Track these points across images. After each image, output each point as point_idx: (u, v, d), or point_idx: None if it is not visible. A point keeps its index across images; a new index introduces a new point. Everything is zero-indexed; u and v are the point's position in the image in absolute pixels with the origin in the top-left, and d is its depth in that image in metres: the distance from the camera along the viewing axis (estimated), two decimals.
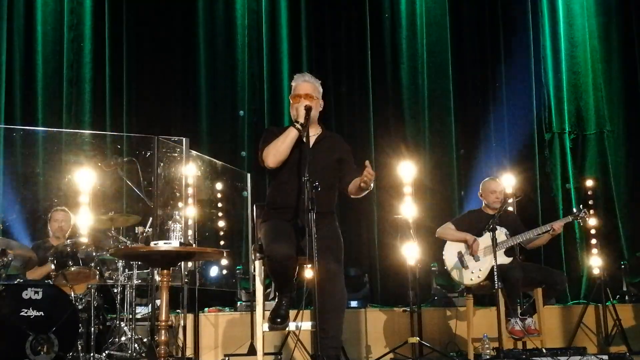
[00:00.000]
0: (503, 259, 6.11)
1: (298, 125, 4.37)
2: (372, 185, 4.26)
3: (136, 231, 6.35)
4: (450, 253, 6.35)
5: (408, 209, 7.43)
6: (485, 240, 6.14)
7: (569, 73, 9.54)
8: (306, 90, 4.55)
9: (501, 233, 6.21)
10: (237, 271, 7.92)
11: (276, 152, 4.44)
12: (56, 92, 8.59)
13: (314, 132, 4.58)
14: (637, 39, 9.54)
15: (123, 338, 6.15)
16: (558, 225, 6.21)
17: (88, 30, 8.80)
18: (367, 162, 4.17)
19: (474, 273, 6.19)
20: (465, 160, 9.27)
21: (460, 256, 6.28)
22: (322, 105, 4.66)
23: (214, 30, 9.25)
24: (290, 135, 4.40)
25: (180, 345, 6.70)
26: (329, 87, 8.86)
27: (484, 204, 6.54)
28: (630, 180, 9.24)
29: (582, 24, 9.62)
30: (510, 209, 7.33)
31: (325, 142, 4.60)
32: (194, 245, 6.18)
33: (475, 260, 6.21)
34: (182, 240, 4.23)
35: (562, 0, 9.70)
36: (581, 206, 6.44)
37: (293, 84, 4.66)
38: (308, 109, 4.41)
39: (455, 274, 6.29)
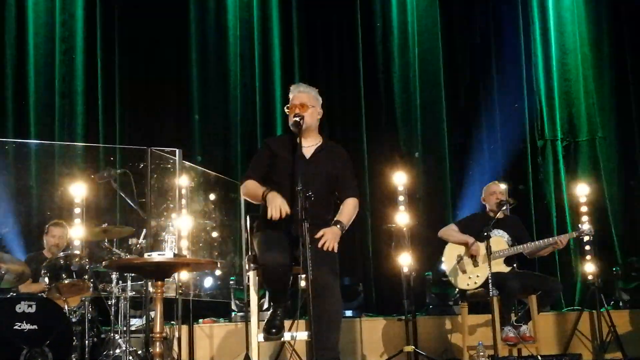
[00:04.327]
0: (502, 268, 6.11)
1: (269, 195, 4.36)
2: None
3: (130, 243, 6.32)
4: (450, 256, 6.34)
5: (402, 218, 7.45)
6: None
7: (560, 80, 9.60)
8: (301, 100, 4.57)
9: (502, 240, 6.21)
10: (232, 282, 7.91)
11: (248, 197, 4.59)
12: (48, 104, 8.58)
13: (314, 142, 4.60)
14: (627, 45, 9.59)
15: (117, 350, 6.11)
16: (564, 239, 6.21)
17: (80, 43, 8.81)
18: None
19: (471, 279, 6.18)
20: (458, 169, 9.29)
21: (459, 260, 6.27)
22: (320, 114, 4.67)
23: (206, 41, 9.27)
24: (259, 197, 4.45)
25: (175, 357, 6.68)
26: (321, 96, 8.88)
27: (487, 208, 6.54)
28: (623, 186, 9.27)
29: (573, 31, 9.69)
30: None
31: (323, 154, 4.59)
32: (187, 256, 6.17)
33: (474, 266, 6.20)
34: (175, 252, 4.22)
35: (553, 8, 9.76)
36: (587, 223, 6.43)
37: (290, 95, 4.67)
38: (300, 118, 4.44)
39: (452, 278, 6.28)
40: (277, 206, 4.25)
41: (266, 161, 4.61)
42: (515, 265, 6.30)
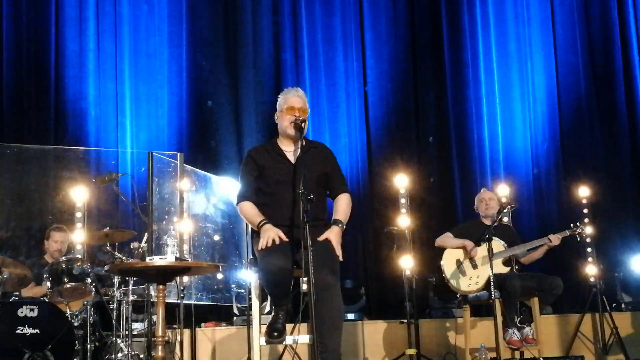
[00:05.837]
0: (501, 269, 6.12)
1: (263, 227, 4.36)
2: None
3: (131, 247, 6.33)
4: (449, 261, 6.34)
5: (404, 220, 7.44)
6: (483, 250, 6.14)
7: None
8: (301, 104, 4.60)
9: (499, 243, 6.22)
10: (233, 285, 7.90)
11: (246, 220, 4.62)
12: (49, 108, 8.57)
13: (298, 145, 4.58)
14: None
15: (119, 354, 6.12)
16: (555, 237, 6.21)
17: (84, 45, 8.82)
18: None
19: (472, 280, 6.19)
20: (461, 171, 9.28)
21: (459, 264, 6.27)
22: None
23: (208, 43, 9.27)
24: (255, 226, 4.46)
25: None
26: (321, 96, 8.91)
27: (481, 215, 6.58)
28: (625, 187, 9.25)
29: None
30: (506, 219, 7.36)
31: (310, 154, 4.56)
32: (189, 259, 6.17)
33: (474, 268, 6.21)
34: (177, 255, 4.22)
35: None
36: (578, 223, 6.44)
37: (283, 96, 4.68)
38: (302, 122, 4.47)
39: (453, 282, 6.27)
40: (270, 237, 4.24)
41: (254, 174, 4.61)
42: (516, 268, 6.32)
